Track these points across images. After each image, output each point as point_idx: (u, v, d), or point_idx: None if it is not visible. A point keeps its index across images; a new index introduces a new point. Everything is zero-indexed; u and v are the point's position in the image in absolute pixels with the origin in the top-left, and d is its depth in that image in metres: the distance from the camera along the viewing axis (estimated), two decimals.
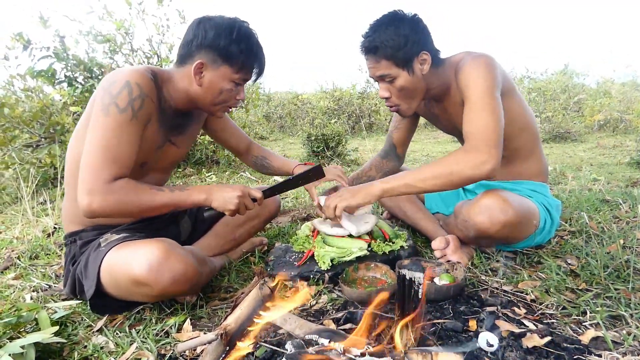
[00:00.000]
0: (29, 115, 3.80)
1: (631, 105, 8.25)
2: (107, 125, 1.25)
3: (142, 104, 1.29)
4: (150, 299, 1.35)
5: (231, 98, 1.46)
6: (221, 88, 1.41)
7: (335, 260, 1.60)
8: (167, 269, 1.21)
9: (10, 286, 1.69)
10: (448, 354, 0.70)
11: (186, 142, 1.63)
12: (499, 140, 1.43)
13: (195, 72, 1.37)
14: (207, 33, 1.35)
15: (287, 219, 2.49)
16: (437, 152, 6.05)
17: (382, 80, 1.59)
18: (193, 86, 1.40)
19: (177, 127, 1.54)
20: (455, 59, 1.61)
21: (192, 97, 1.43)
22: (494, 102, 1.46)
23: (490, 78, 1.48)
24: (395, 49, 1.49)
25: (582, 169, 3.98)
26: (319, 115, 8.71)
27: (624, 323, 1.21)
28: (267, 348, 1.11)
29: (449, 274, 1.49)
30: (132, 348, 1.21)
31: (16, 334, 1.24)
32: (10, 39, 3.85)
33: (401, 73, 1.54)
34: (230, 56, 1.37)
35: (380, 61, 1.53)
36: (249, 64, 1.42)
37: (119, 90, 1.26)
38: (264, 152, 1.95)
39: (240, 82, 1.44)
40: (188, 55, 1.39)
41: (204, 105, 1.46)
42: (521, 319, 1.26)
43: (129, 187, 1.27)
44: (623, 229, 1.93)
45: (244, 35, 1.37)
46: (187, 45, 1.39)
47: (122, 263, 1.25)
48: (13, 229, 2.52)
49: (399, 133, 2.05)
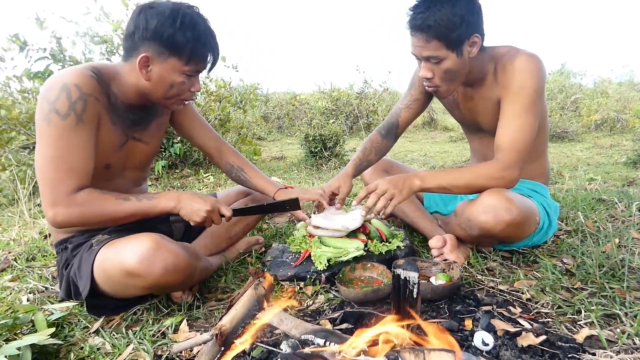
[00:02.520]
0: (25, 117, 3.79)
1: (628, 104, 8.28)
2: (52, 135, 1.20)
3: (85, 106, 1.23)
4: (143, 291, 1.33)
5: (184, 91, 1.38)
6: (172, 81, 1.32)
7: (332, 260, 1.60)
8: (158, 259, 1.21)
9: (7, 288, 1.68)
10: (440, 352, 0.70)
11: (153, 137, 1.55)
12: (528, 154, 1.52)
13: (141, 66, 1.29)
14: (149, 23, 1.24)
15: (284, 219, 2.49)
16: (434, 152, 6.06)
17: (427, 61, 1.50)
18: (141, 81, 1.32)
19: (138, 123, 1.47)
20: (499, 51, 1.57)
21: (143, 91, 1.35)
22: (535, 113, 1.49)
23: (540, 85, 1.48)
24: (449, 29, 1.40)
25: (578, 168, 4.00)
26: (317, 116, 8.70)
27: (619, 322, 1.22)
28: (263, 348, 1.11)
29: (445, 273, 1.49)
30: (128, 349, 1.21)
31: (12, 336, 1.24)
32: (7, 41, 3.84)
33: (450, 55, 1.46)
34: (177, 47, 1.26)
35: (431, 41, 1.43)
36: (198, 54, 1.31)
37: (56, 95, 1.20)
38: (243, 163, 1.80)
39: (192, 74, 1.35)
40: (132, 48, 1.30)
41: (157, 100, 1.38)
42: (517, 318, 1.27)
43: (92, 197, 1.26)
44: (619, 228, 1.94)
45: (190, 22, 1.26)
46: (129, 38, 1.29)
47: (114, 257, 1.26)
48: (10, 230, 2.52)
49: (408, 113, 1.94)
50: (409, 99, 1.93)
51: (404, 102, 1.95)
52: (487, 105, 1.64)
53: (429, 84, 1.58)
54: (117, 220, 1.32)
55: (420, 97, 1.90)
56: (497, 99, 1.58)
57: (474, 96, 1.68)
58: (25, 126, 3.85)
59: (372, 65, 18.20)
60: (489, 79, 1.59)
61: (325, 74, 40.74)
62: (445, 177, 1.54)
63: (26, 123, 3.83)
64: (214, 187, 3.85)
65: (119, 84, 1.35)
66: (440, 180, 1.53)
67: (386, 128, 1.97)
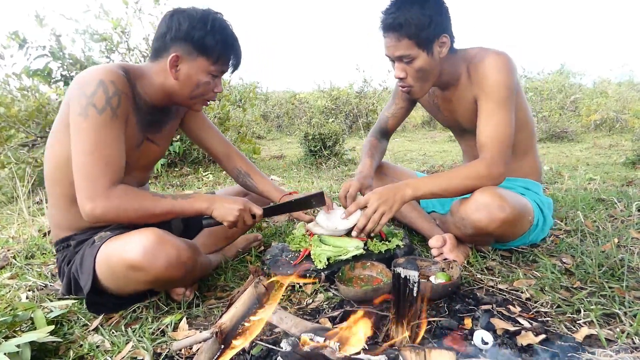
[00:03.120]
0: (25, 115, 3.79)
1: (627, 105, 8.28)
2: (90, 128, 1.23)
3: (120, 102, 1.27)
4: (145, 286, 1.33)
5: (209, 91, 1.44)
6: (198, 81, 1.39)
7: (332, 259, 1.60)
8: (162, 252, 1.23)
9: (6, 285, 1.68)
10: (441, 351, 0.70)
11: (164, 139, 1.60)
12: (511, 149, 1.56)
13: (171, 65, 1.35)
14: (181, 25, 1.32)
15: (284, 218, 2.49)
16: (434, 152, 6.06)
17: (400, 61, 1.56)
18: (169, 80, 1.38)
19: (154, 124, 1.51)
20: (470, 53, 1.62)
21: (169, 91, 1.41)
22: (511, 108, 1.54)
23: (511, 80, 1.52)
24: (419, 28, 1.46)
25: (578, 168, 4.00)
26: (316, 115, 8.69)
27: (618, 321, 1.22)
28: (263, 346, 1.11)
29: (445, 272, 1.49)
30: (128, 347, 1.21)
31: (12, 333, 1.24)
32: (6, 38, 3.84)
33: (421, 54, 1.52)
34: (206, 48, 1.34)
35: (402, 40, 1.49)
36: (225, 56, 1.40)
37: (93, 90, 1.23)
38: (249, 169, 1.84)
39: (217, 74, 1.42)
40: (163, 48, 1.36)
41: (181, 100, 1.44)
42: (516, 317, 1.27)
43: (130, 193, 1.29)
44: (618, 227, 1.94)
45: (219, 27, 1.36)
46: (161, 39, 1.36)
47: (117, 250, 1.26)
48: (9, 228, 2.51)
49: (395, 120, 2.04)
50: (394, 108, 2.02)
51: (390, 110, 2.03)
52: (465, 105, 1.69)
53: (403, 84, 1.63)
54: (153, 217, 1.33)
55: (404, 105, 1.99)
56: (473, 98, 1.63)
57: (452, 98, 1.73)
58: (25, 124, 3.84)
59: (372, 66, 18.20)
60: (463, 79, 1.65)
61: (324, 73, 40.77)
62: (435, 182, 1.57)
63: (25, 121, 3.83)
64: (213, 186, 3.84)
65: (144, 84, 1.39)
66: (431, 187, 1.56)
67: (379, 132, 2.07)
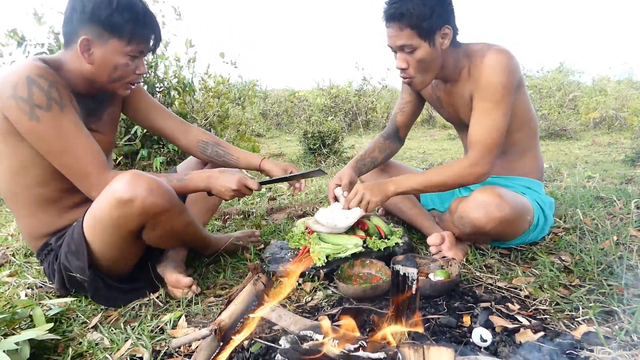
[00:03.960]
0: None
1: (626, 102, 8.28)
2: (48, 129, 1.22)
3: (59, 91, 1.23)
4: (137, 224, 1.30)
5: (129, 73, 1.36)
6: (115, 63, 1.31)
7: (331, 257, 1.60)
8: (141, 181, 1.23)
9: (5, 283, 1.68)
10: (439, 348, 0.70)
11: (107, 127, 1.53)
12: (499, 149, 1.58)
13: (82, 49, 1.27)
14: (86, 5, 1.24)
15: (283, 216, 2.49)
16: (433, 150, 6.05)
17: (402, 51, 1.55)
18: (85, 66, 1.31)
19: (92, 113, 1.45)
20: (473, 48, 1.61)
21: (88, 77, 1.34)
22: (506, 108, 1.53)
23: (510, 80, 1.51)
24: (420, 18, 1.46)
25: (577, 166, 4.00)
26: (316, 113, 8.69)
27: (617, 318, 1.22)
28: (262, 344, 1.11)
29: (444, 270, 1.50)
30: (127, 344, 1.21)
31: (11, 331, 1.24)
32: (5, 36, 3.82)
33: (422, 44, 1.51)
34: (116, 28, 1.26)
35: (404, 30, 1.49)
36: (139, 34, 1.31)
37: (27, 90, 1.18)
38: (215, 139, 1.77)
39: (135, 55, 1.34)
40: (72, 32, 1.28)
41: (102, 84, 1.36)
42: (515, 315, 1.27)
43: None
44: (617, 225, 1.94)
45: (126, 3, 1.26)
46: (68, 22, 1.28)
47: (100, 201, 1.27)
48: (8, 226, 2.51)
49: (403, 116, 2.01)
50: (400, 103, 2.01)
51: (397, 106, 2.02)
52: (463, 101, 1.68)
53: (404, 74, 1.62)
54: None
55: (411, 99, 1.96)
56: (470, 95, 1.63)
57: (452, 92, 1.72)
58: None
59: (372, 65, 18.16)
60: (464, 74, 1.64)
61: (324, 71, 40.73)
62: (418, 179, 1.65)
63: None
64: None
65: (65, 73, 1.32)
66: (412, 183, 1.65)
67: (387, 132, 2.04)
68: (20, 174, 1.32)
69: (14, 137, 1.26)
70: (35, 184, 1.34)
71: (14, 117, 1.21)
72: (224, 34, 34.66)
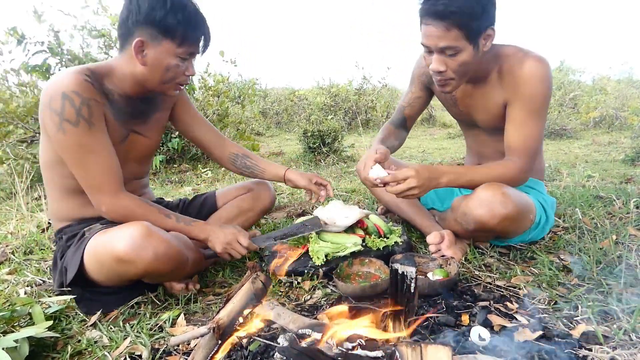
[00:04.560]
0: (23, 111, 3.78)
1: (627, 102, 8.28)
2: (73, 143, 1.28)
3: (90, 109, 1.28)
4: (135, 278, 1.33)
5: (180, 74, 1.39)
6: (167, 65, 1.35)
7: (330, 256, 1.60)
8: (149, 245, 1.23)
9: (5, 281, 1.68)
10: (437, 346, 0.70)
11: (153, 131, 1.58)
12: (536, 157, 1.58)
13: (136, 51, 1.31)
14: (141, 7, 1.27)
15: (283, 214, 2.49)
16: (433, 149, 6.06)
17: (442, 52, 1.41)
18: (138, 67, 1.35)
19: (138, 116, 1.50)
20: (504, 51, 1.53)
21: (139, 79, 1.38)
22: (544, 118, 1.52)
23: (549, 91, 1.48)
24: (472, 18, 1.33)
25: (576, 165, 4.00)
26: (316, 112, 8.69)
27: (615, 318, 1.22)
28: (261, 342, 1.11)
29: (443, 269, 1.50)
30: (125, 342, 1.21)
31: (10, 328, 1.24)
32: (5, 34, 3.82)
33: (467, 47, 1.38)
34: (169, 29, 1.29)
35: (451, 30, 1.34)
36: (190, 36, 1.34)
37: (60, 106, 1.24)
38: (245, 152, 1.83)
39: (186, 57, 1.37)
40: (127, 35, 1.32)
41: (153, 85, 1.40)
42: (513, 314, 1.27)
43: (136, 204, 1.38)
44: (616, 225, 1.94)
45: (179, 5, 1.29)
46: (124, 25, 1.32)
47: (105, 243, 1.28)
48: (7, 224, 2.51)
49: (412, 110, 1.93)
50: (409, 97, 1.90)
51: (406, 100, 1.92)
52: (488, 105, 1.63)
53: (441, 77, 1.48)
54: None
55: (421, 94, 1.87)
56: (502, 102, 1.57)
57: (474, 94, 1.65)
58: (23, 120, 3.83)
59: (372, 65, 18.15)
60: (493, 78, 1.57)
61: (324, 70, 40.61)
62: (470, 174, 1.55)
63: (24, 117, 3.82)
64: (212, 183, 3.84)
65: (115, 78, 1.38)
66: (463, 180, 1.55)
67: (396, 120, 1.96)
68: (58, 164, 1.39)
69: (47, 136, 1.35)
70: (68, 175, 1.39)
71: (46, 125, 1.29)
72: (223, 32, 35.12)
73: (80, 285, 1.37)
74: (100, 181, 1.33)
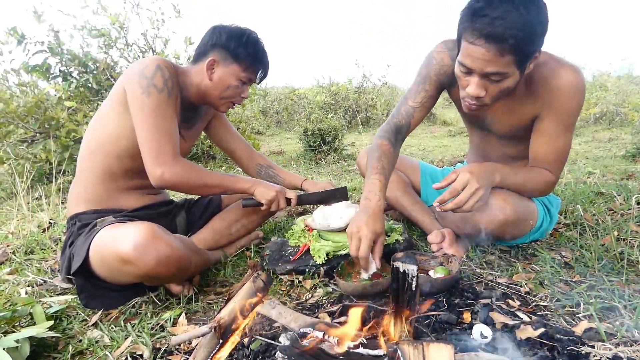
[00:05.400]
0: (23, 110, 3.78)
1: (627, 98, 8.26)
2: (152, 106, 1.40)
3: (173, 84, 1.46)
4: (136, 279, 1.34)
5: (236, 95, 1.63)
6: (229, 84, 1.58)
7: (331, 254, 1.60)
8: (152, 248, 1.23)
9: (5, 281, 1.68)
10: (439, 344, 0.70)
11: (192, 137, 1.76)
12: None
13: (208, 67, 1.56)
14: (222, 36, 1.56)
15: (283, 213, 2.49)
16: (433, 147, 6.05)
17: (486, 77, 1.25)
18: (205, 80, 1.57)
19: (187, 120, 1.68)
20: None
21: (203, 90, 1.59)
22: (574, 128, 1.51)
23: (583, 104, 1.42)
24: (529, 43, 1.17)
25: (577, 162, 3.99)
26: (316, 110, 8.67)
27: (618, 314, 1.22)
28: (262, 341, 1.11)
29: (444, 267, 1.49)
30: (127, 342, 1.21)
31: (11, 328, 1.24)
32: (5, 34, 3.82)
33: (515, 73, 1.24)
34: (239, 56, 1.56)
35: (505, 56, 1.17)
36: (254, 65, 1.61)
37: (152, 72, 1.41)
38: (268, 163, 2.04)
39: (245, 81, 1.61)
40: (203, 53, 1.58)
41: (212, 99, 1.62)
42: (515, 311, 1.27)
43: (191, 165, 1.50)
44: (617, 221, 1.94)
45: (253, 41, 1.59)
46: (203, 46, 1.59)
47: (110, 240, 1.28)
48: (8, 224, 2.51)
49: (422, 112, 1.68)
50: (423, 96, 1.66)
51: (417, 99, 1.66)
52: (512, 117, 1.53)
53: (476, 102, 1.34)
54: (206, 187, 1.55)
55: (435, 94, 1.66)
56: (531, 114, 1.47)
57: (499, 106, 1.52)
58: (23, 120, 3.83)
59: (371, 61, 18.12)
60: (520, 90, 1.45)
61: (324, 68, 40.57)
62: (518, 175, 1.50)
63: (24, 117, 3.82)
64: None
65: (185, 81, 1.58)
66: (511, 181, 1.49)
67: (394, 133, 1.67)
68: (108, 143, 1.49)
69: (122, 107, 1.45)
70: (113, 155, 1.49)
71: (130, 88, 1.42)
72: None
73: (84, 276, 1.38)
74: (166, 146, 1.42)
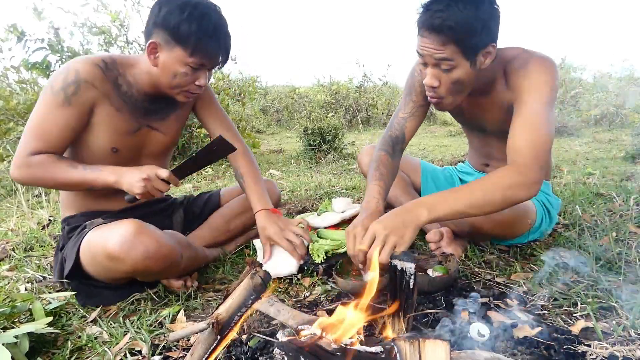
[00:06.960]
0: (23, 108, 3.78)
1: (628, 99, 8.25)
2: (39, 105, 1.32)
3: (77, 90, 1.30)
4: (126, 275, 1.34)
5: (188, 83, 1.38)
6: (174, 71, 1.34)
7: (330, 253, 1.60)
8: (139, 243, 1.23)
9: (5, 277, 1.69)
10: (435, 341, 0.70)
11: (171, 128, 1.58)
12: (548, 158, 1.41)
13: (149, 52, 1.33)
14: (161, 11, 1.29)
15: (283, 211, 2.49)
16: (433, 146, 6.04)
17: (436, 67, 1.33)
18: (152, 68, 1.36)
19: (156, 112, 1.51)
20: (508, 54, 1.45)
21: (153, 79, 1.39)
22: (551, 116, 1.36)
23: (554, 88, 1.37)
24: (469, 34, 1.25)
25: (577, 163, 4.00)
26: (316, 109, 8.66)
27: (615, 314, 1.22)
28: (260, 338, 1.12)
29: (442, 265, 1.50)
30: (125, 338, 1.22)
31: (10, 324, 1.25)
32: (5, 31, 3.82)
33: (463, 63, 1.31)
34: (181, 37, 1.28)
35: (447, 45, 1.27)
36: (203, 48, 1.31)
37: (57, 74, 1.32)
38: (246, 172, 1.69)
39: (197, 67, 1.34)
40: (147, 34, 1.35)
41: (163, 88, 1.40)
42: (513, 310, 1.27)
43: (47, 161, 1.31)
44: (616, 222, 1.94)
45: (198, 15, 1.27)
46: (147, 25, 1.35)
47: (98, 240, 1.29)
48: (8, 221, 2.52)
49: (414, 122, 1.71)
50: (411, 107, 1.70)
51: (407, 110, 1.70)
52: (496, 111, 1.54)
53: (433, 93, 1.41)
54: (65, 185, 1.38)
55: (423, 103, 1.68)
56: (508, 104, 1.47)
57: (482, 103, 1.56)
58: (23, 117, 3.83)
59: (372, 60, 18.10)
60: (499, 84, 1.48)
61: (324, 67, 40.58)
62: (457, 198, 1.29)
63: (24, 114, 3.82)
64: (212, 180, 3.84)
65: (135, 72, 1.41)
66: (453, 204, 1.27)
67: (391, 145, 1.68)
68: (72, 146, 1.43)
69: None
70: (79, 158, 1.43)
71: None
72: None
73: (77, 278, 1.39)
74: (26, 145, 1.31)
